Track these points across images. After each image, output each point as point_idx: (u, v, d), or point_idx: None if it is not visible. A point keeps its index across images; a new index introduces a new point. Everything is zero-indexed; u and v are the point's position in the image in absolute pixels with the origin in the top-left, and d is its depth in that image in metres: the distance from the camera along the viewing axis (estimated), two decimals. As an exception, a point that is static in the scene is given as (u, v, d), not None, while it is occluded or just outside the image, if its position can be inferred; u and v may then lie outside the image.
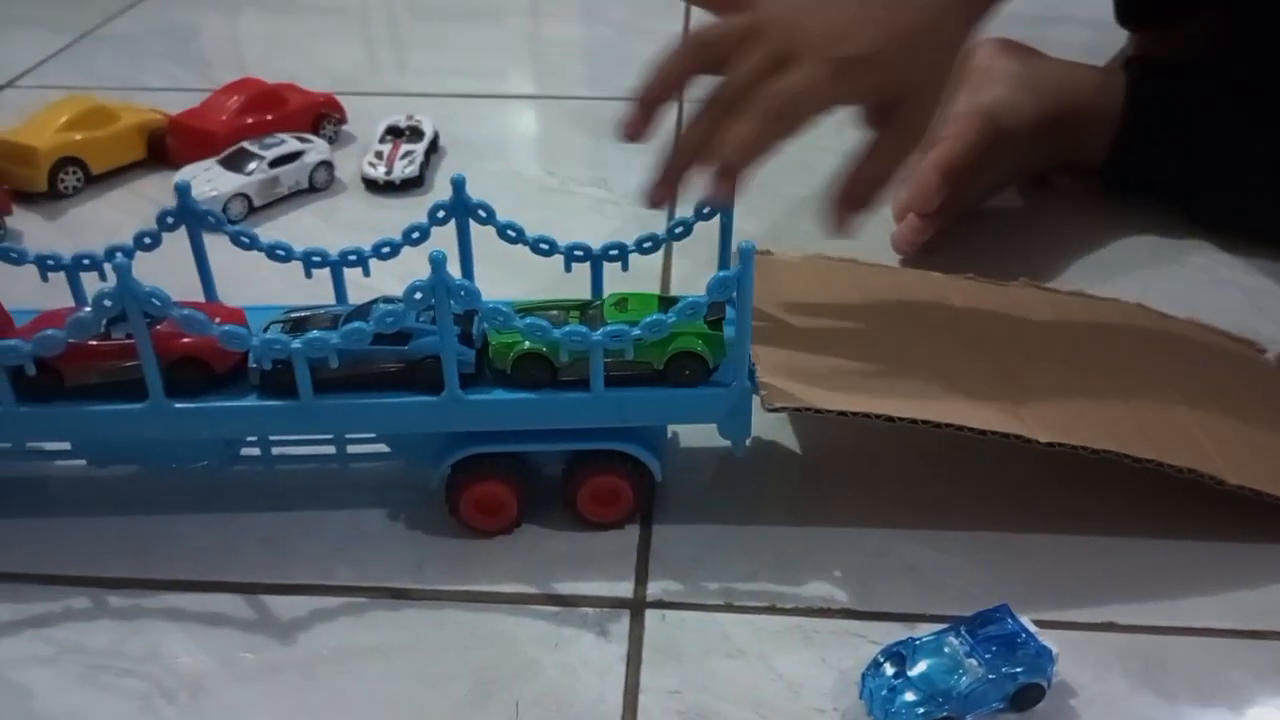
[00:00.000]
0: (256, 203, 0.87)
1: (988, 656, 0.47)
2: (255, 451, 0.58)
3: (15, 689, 0.48)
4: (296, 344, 0.51)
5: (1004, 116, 0.80)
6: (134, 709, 0.47)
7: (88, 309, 0.50)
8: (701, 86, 0.56)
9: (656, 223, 0.59)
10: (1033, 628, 0.48)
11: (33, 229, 0.85)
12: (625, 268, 0.60)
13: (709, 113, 0.54)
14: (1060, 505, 0.58)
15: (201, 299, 0.60)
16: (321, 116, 0.98)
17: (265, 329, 0.54)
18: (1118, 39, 1.00)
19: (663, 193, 0.55)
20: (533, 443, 0.55)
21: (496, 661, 0.50)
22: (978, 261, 0.71)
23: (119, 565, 0.54)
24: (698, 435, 0.59)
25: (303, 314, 0.56)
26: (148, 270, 0.52)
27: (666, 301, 0.54)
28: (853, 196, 0.57)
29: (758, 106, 0.52)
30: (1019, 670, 0.46)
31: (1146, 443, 0.54)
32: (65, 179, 0.88)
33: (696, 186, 0.54)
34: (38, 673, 0.49)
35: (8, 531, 0.56)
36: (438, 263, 0.49)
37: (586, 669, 0.49)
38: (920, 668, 0.47)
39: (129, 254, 0.57)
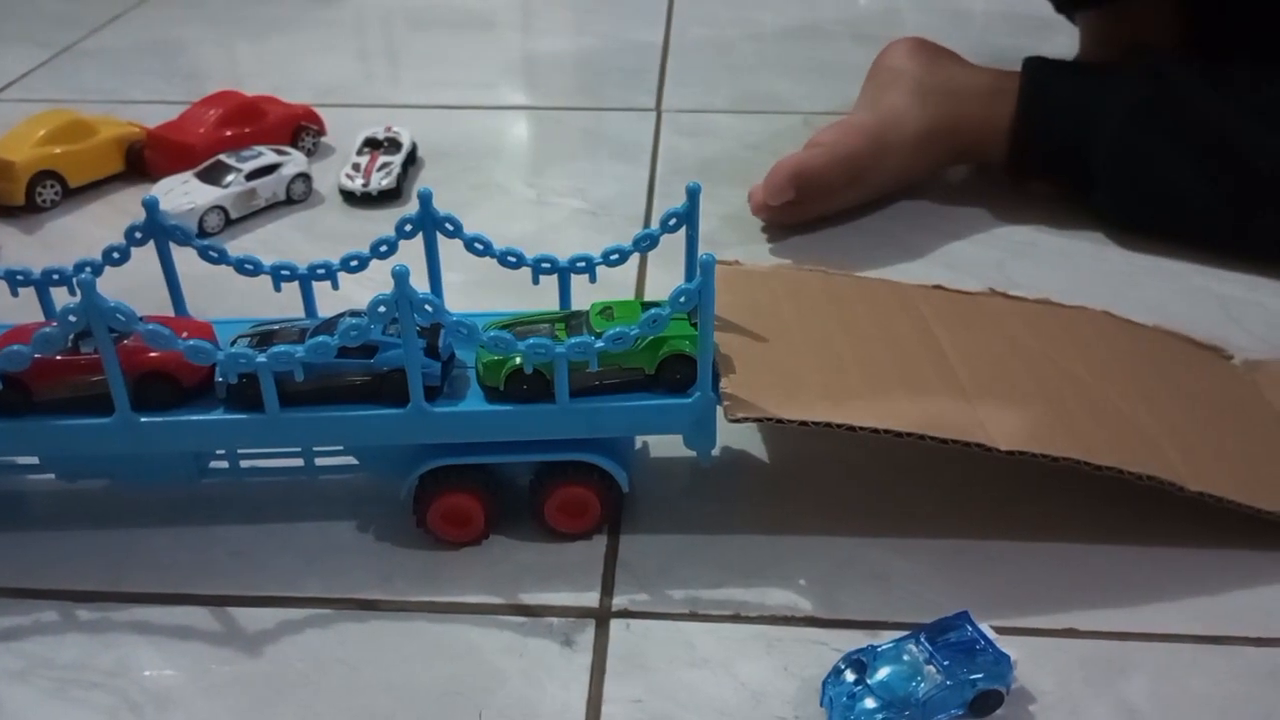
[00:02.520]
0: (234, 215, 0.87)
1: (946, 663, 0.47)
2: (225, 464, 0.58)
3: (-15, 703, 0.48)
4: (261, 358, 0.51)
5: (890, 130, 0.86)
6: (101, 722, 0.48)
7: (54, 324, 0.50)
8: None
9: (632, 233, 0.60)
10: (992, 634, 0.48)
11: (10, 243, 0.85)
12: (593, 279, 0.60)
13: None
14: (1024, 513, 0.58)
15: (171, 313, 0.60)
16: (300, 129, 0.98)
17: (233, 343, 0.55)
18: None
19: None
20: (499, 454, 0.55)
21: (462, 672, 0.50)
22: (951, 271, 0.71)
23: (89, 578, 0.54)
24: (668, 446, 0.59)
25: (271, 328, 0.56)
26: (119, 285, 0.52)
27: (651, 309, 0.55)
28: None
29: None
30: (978, 676, 0.47)
31: (1109, 450, 0.55)
32: (43, 192, 0.88)
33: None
34: (7, 686, 0.49)
35: (-24, 545, 0.56)
36: (401, 277, 0.49)
37: (551, 679, 0.50)
38: (880, 675, 0.47)
39: (98, 269, 0.57)
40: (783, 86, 1.15)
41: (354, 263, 0.60)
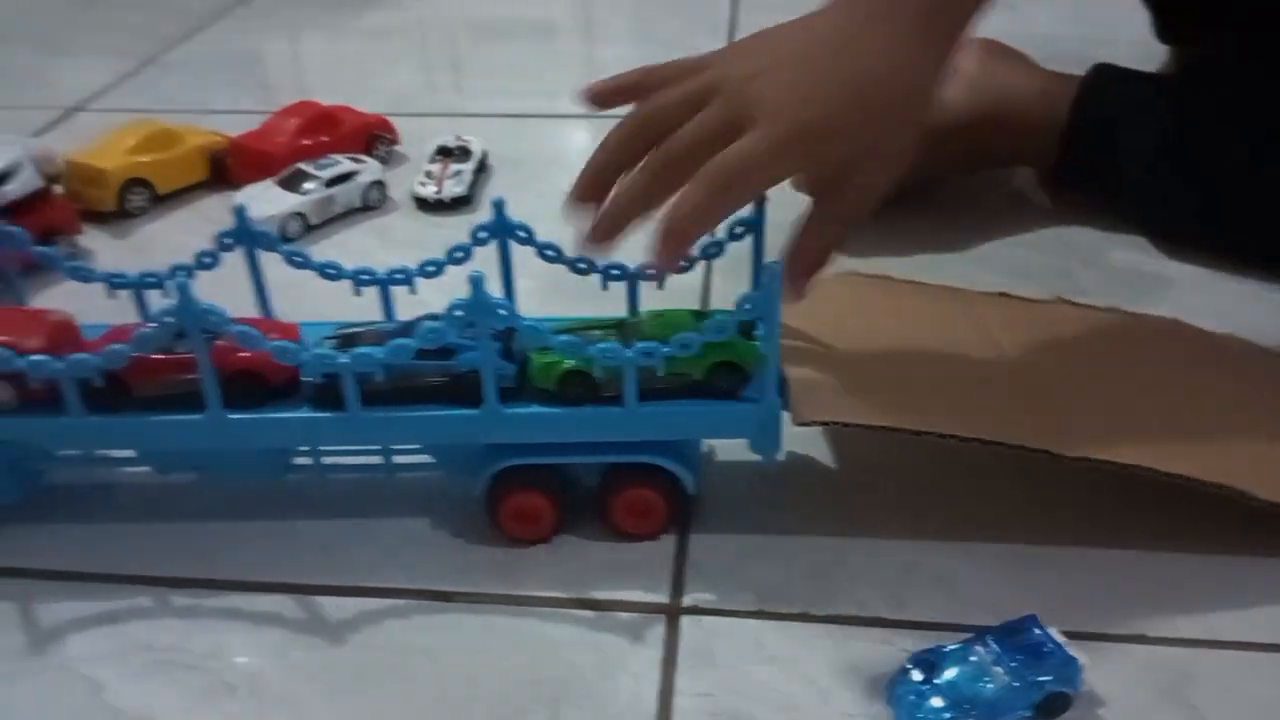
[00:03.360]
0: (312, 221, 0.90)
1: (1014, 664, 0.48)
2: (308, 461, 0.60)
3: (87, 682, 0.51)
4: (345, 359, 0.53)
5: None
6: (197, 702, 0.50)
7: (152, 325, 0.53)
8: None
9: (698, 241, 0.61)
10: (1061, 638, 0.49)
11: (102, 247, 0.89)
12: (661, 285, 0.62)
13: (654, 166, 0.53)
14: (1093, 519, 0.58)
15: (258, 315, 0.63)
16: (374, 137, 1.01)
17: (317, 344, 0.57)
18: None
19: (603, 240, 0.54)
20: (569, 455, 0.57)
21: (537, 663, 0.52)
22: (1019, 278, 0.72)
23: (183, 566, 0.57)
24: (735, 449, 0.60)
25: (352, 330, 0.58)
26: (209, 288, 0.55)
27: (701, 316, 0.56)
28: (805, 265, 0.56)
29: (706, 175, 0.51)
30: (1046, 678, 0.47)
31: (1179, 457, 0.55)
32: (133, 199, 0.92)
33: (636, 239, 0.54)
34: (109, 667, 0.52)
35: (79, 533, 0.59)
36: (477, 283, 0.51)
37: (623, 672, 0.51)
38: (948, 674, 0.48)
39: (190, 273, 0.60)
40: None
41: (431, 268, 0.62)
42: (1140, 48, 1.02)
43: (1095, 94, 0.85)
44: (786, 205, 0.89)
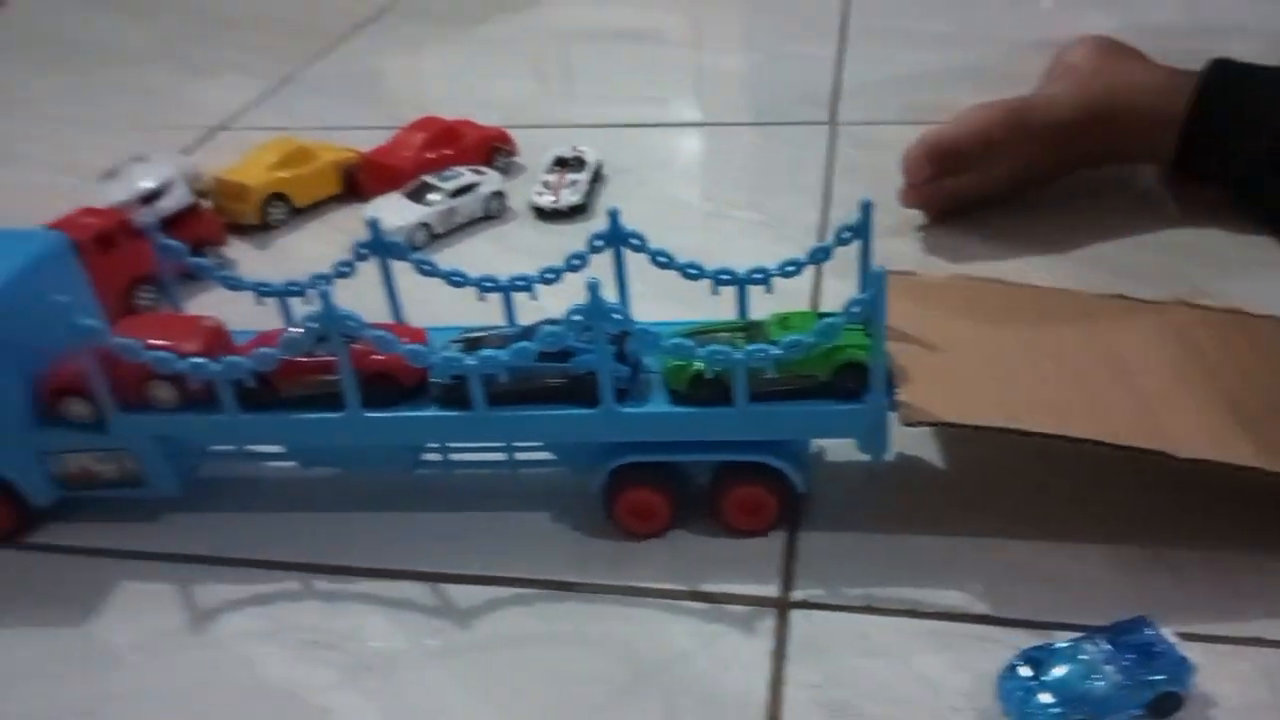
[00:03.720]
0: (437, 231, 0.95)
1: (1125, 664, 0.48)
2: (437, 457, 0.64)
3: (240, 659, 0.56)
4: (471, 361, 0.57)
5: (1034, 112, 0.86)
6: (339, 680, 0.54)
7: (297, 330, 0.57)
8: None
9: (807, 244, 0.63)
10: (1173, 638, 0.49)
11: (245, 258, 0.95)
12: (769, 290, 0.64)
13: None
14: (1207, 521, 0.58)
15: (390, 320, 0.67)
16: (494, 150, 1.05)
17: (445, 347, 0.61)
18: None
19: None
20: (683, 453, 0.59)
21: (650, 652, 0.54)
22: (1136, 280, 0.71)
23: (324, 553, 0.61)
24: (846, 449, 0.61)
25: (477, 334, 0.62)
26: (345, 295, 0.59)
27: (826, 319, 0.57)
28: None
29: None
30: (1159, 678, 0.48)
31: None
32: (273, 212, 0.98)
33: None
34: (261, 644, 0.56)
35: (232, 522, 0.64)
36: (593, 289, 0.54)
37: (734, 661, 0.53)
38: (1057, 672, 0.48)
39: (330, 281, 0.65)
40: (959, 95, 1.14)
41: (550, 275, 0.65)
42: (1258, 39, 0.99)
43: (1215, 88, 0.84)
44: (893, 210, 0.90)
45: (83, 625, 0.58)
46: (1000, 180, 0.88)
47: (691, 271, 0.65)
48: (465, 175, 0.97)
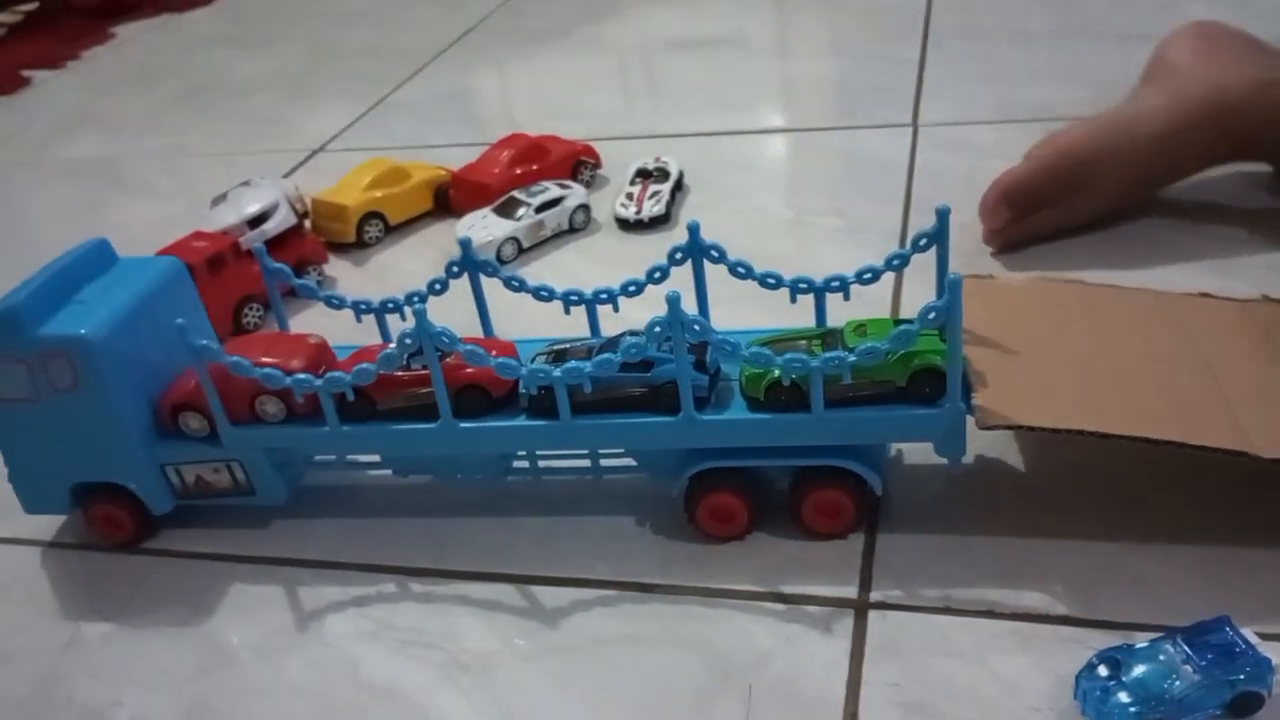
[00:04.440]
0: (525, 245, 0.98)
1: (1204, 664, 0.48)
2: (526, 464, 0.67)
3: (345, 658, 0.59)
4: (557, 373, 0.59)
5: (1117, 132, 0.84)
6: (438, 679, 0.57)
7: (393, 346, 0.61)
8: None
9: (889, 250, 0.64)
10: (1254, 639, 0.49)
11: (343, 274, 0.99)
12: (847, 297, 0.65)
13: None
14: (1296, 522, 0.57)
15: (480, 334, 0.70)
16: (579, 163, 1.08)
17: (532, 359, 0.63)
18: None
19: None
20: (761, 459, 0.60)
21: (732, 651, 0.56)
22: (1226, 277, 0.70)
23: (420, 557, 0.65)
24: (924, 452, 0.62)
25: (563, 346, 0.65)
26: (439, 310, 0.62)
27: (907, 324, 0.58)
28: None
29: None
30: (1238, 678, 0.48)
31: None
32: (369, 230, 1.03)
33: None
34: (363, 644, 0.60)
35: (335, 528, 0.68)
36: (673, 302, 0.56)
37: (813, 661, 0.55)
38: (1135, 672, 0.49)
39: (423, 298, 0.68)
40: (1046, 93, 1.13)
41: (632, 288, 0.68)
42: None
43: None
44: (975, 213, 0.90)
45: (200, 625, 0.62)
46: (1089, 209, 0.86)
47: (770, 281, 0.66)
48: (551, 189, 1.00)
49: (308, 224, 1.03)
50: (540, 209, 0.98)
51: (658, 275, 0.67)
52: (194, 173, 1.27)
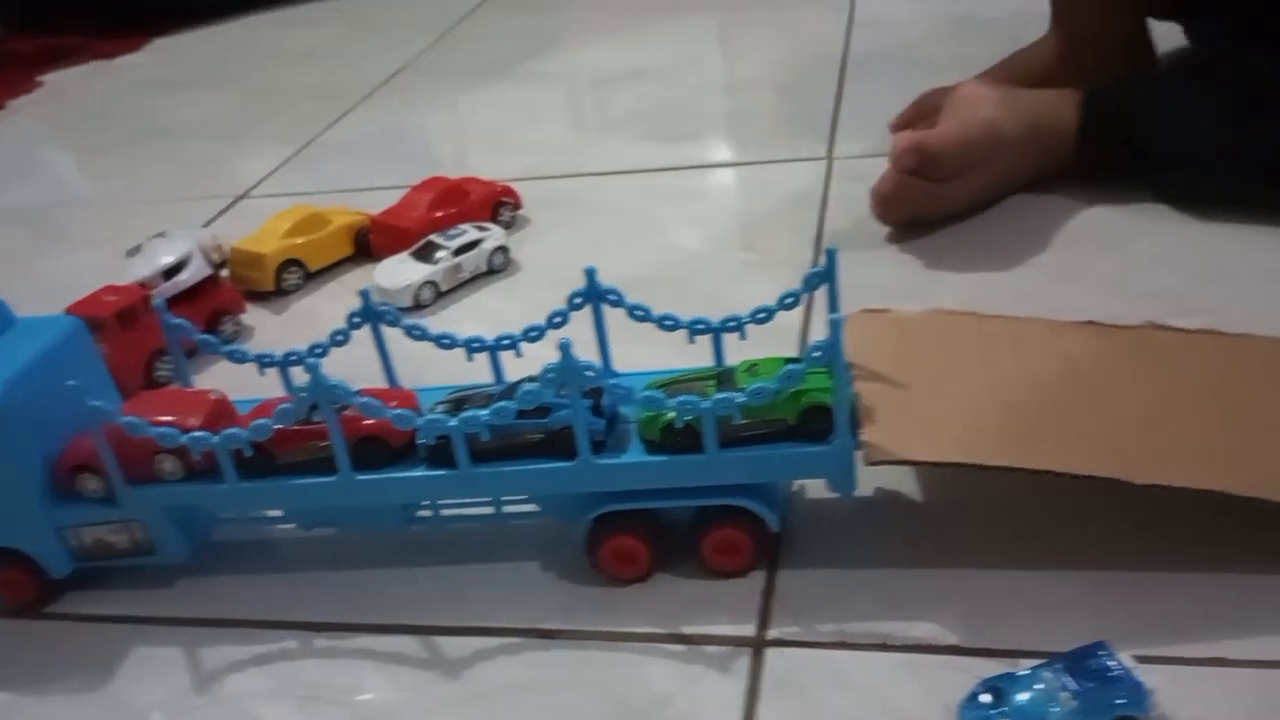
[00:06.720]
0: (443, 288, 0.98)
1: (1082, 690, 0.49)
2: (429, 513, 0.67)
3: (247, 717, 0.59)
4: (453, 422, 0.60)
5: (993, 132, 0.93)
6: (340, 735, 0.57)
7: (290, 402, 0.61)
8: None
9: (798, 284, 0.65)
10: (1130, 662, 0.50)
11: (262, 322, 0.99)
12: (743, 337, 0.66)
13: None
14: (1170, 544, 0.59)
15: (385, 384, 0.70)
16: (499, 204, 1.09)
17: (432, 408, 0.64)
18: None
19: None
20: (660, 500, 0.61)
21: (631, 695, 0.56)
22: (1123, 301, 0.72)
23: (324, 610, 0.64)
24: (823, 487, 0.63)
25: (464, 394, 0.65)
26: (349, 360, 0.62)
27: (793, 364, 0.60)
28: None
29: None
30: (1116, 702, 0.49)
31: (1261, 480, 0.55)
32: (288, 278, 1.03)
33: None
34: (264, 703, 0.59)
35: (238, 584, 0.68)
36: (565, 349, 0.57)
37: (711, 701, 0.55)
38: (1017, 699, 0.50)
39: (325, 351, 0.68)
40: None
41: (534, 333, 0.68)
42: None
43: (1096, 92, 0.95)
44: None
45: (102, 689, 0.62)
46: (965, 195, 0.95)
47: (668, 323, 0.67)
48: (469, 232, 1.01)
49: (225, 273, 1.03)
50: (458, 251, 0.99)
51: (558, 320, 0.68)
52: (122, 221, 1.26)
